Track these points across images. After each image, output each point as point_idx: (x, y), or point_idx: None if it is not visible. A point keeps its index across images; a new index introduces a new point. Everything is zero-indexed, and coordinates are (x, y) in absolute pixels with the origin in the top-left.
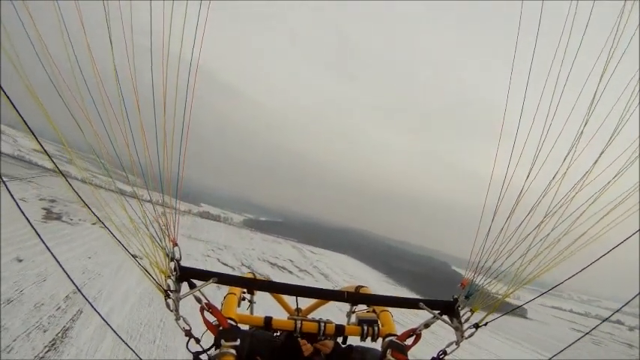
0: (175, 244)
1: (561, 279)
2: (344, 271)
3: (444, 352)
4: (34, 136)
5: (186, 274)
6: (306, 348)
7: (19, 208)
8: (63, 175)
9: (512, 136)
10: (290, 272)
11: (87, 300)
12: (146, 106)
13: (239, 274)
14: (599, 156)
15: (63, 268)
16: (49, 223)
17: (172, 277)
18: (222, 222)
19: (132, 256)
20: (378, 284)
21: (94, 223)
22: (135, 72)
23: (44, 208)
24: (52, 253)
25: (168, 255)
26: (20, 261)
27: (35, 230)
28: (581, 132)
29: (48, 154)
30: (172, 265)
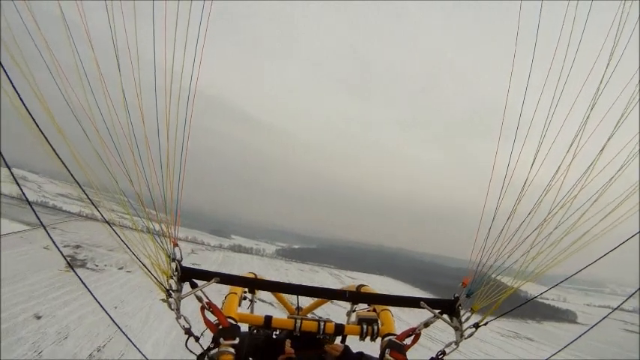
0: (176, 245)
1: (573, 273)
2: (387, 292)
3: (443, 353)
4: (78, 183)
5: (188, 274)
6: (287, 350)
7: (62, 254)
8: (64, 164)
9: (524, 135)
10: (332, 302)
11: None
12: (147, 108)
13: (240, 274)
14: (603, 147)
15: (108, 313)
16: (71, 272)
17: (174, 278)
18: (254, 254)
19: (135, 256)
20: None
21: (120, 268)
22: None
23: (68, 256)
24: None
25: (169, 256)
26: (39, 318)
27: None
28: (587, 117)
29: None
30: (174, 265)
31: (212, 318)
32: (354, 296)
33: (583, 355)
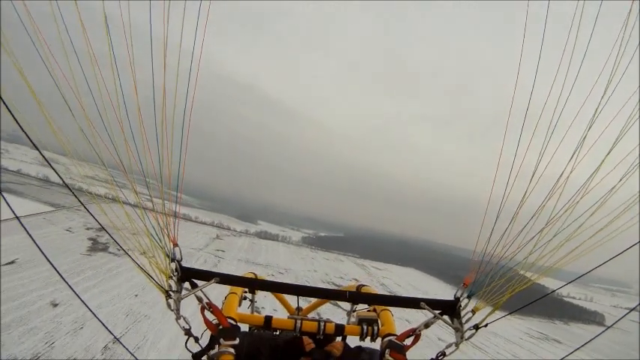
0: (176, 245)
1: (586, 270)
2: (412, 286)
3: (443, 354)
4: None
5: (188, 275)
6: (308, 343)
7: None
8: (50, 165)
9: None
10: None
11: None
12: (144, 102)
13: (240, 274)
14: (618, 139)
15: (99, 319)
16: (93, 256)
17: (174, 278)
18: (280, 241)
19: (132, 258)
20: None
21: (142, 253)
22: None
23: (90, 239)
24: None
25: (168, 256)
26: (55, 305)
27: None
28: (600, 111)
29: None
30: (173, 265)
31: (212, 318)
32: (354, 296)
33: (601, 356)
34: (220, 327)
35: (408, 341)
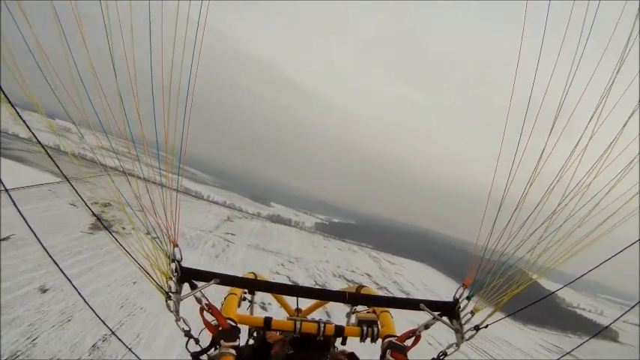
0: (176, 245)
1: (587, 276)
2: (425, 287)
3: (444, 354)
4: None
5: (188, 275)
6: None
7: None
8: (54, 161)
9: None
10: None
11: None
12: (143, 93)
13: (240, 275)
14: (618, 134)
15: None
16: (95, 234)
17: (173, 279)
18: (293, 226)
19: (133, 258)
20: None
21: (147, 233)
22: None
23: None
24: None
25: (168, 256)
26: (45, 291)
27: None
28: (603, 104)
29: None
30: (173, 266)
31: (211, 319)
32: (354, 298)
33: None
34: (220, 328)
35: (408, 342)
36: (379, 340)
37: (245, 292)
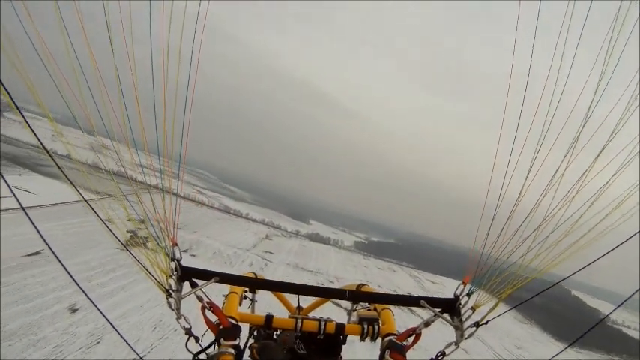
0: (175, 244)
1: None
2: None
3: (443, 353)
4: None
5: (188, 274)
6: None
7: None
8: (54, 161)
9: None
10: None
11: None
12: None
13: (240, 274)
14: (610, 139)
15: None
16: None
17: (174, 277)
18: (332, 245)
19: (133, 255)
20: (513, 324)
21: (184, 251)
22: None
23: (130, 231)
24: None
25: (168, 255)
26: (74, 311)
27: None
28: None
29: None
30: (173, 264)
31: (213, 318)
32: (355, 295)
33: None
34: (221, 326)
35: (409, 340)
36: (379, 339)
37: (246, 291)
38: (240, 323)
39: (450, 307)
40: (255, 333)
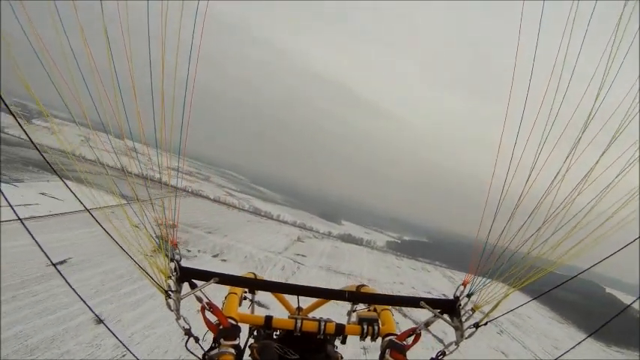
0: (175, 245)
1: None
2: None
3: (443, 353)
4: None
5: (187, 275)
6: None
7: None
8: (51, 166)
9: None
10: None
11: None
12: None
13: (240, 275)
14: (615, 136)
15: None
16: (157, 258)
17: (173, 278)
18: (364, 246)
19: (130, 256)
20: (550, 324)
21: (215, 256)
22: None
23: (159, 237)
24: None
25: (167, 256)
26: (99, 322)
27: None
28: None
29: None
30: (172, 265)
31: (212, 318)
32: (354, 296)
33: None
34: (221, 327)
35: (408, 340)
36: (379, 339)
37: (245, 292)
38: (240, 324)
39: (450, 308)
40: (255, 333)
